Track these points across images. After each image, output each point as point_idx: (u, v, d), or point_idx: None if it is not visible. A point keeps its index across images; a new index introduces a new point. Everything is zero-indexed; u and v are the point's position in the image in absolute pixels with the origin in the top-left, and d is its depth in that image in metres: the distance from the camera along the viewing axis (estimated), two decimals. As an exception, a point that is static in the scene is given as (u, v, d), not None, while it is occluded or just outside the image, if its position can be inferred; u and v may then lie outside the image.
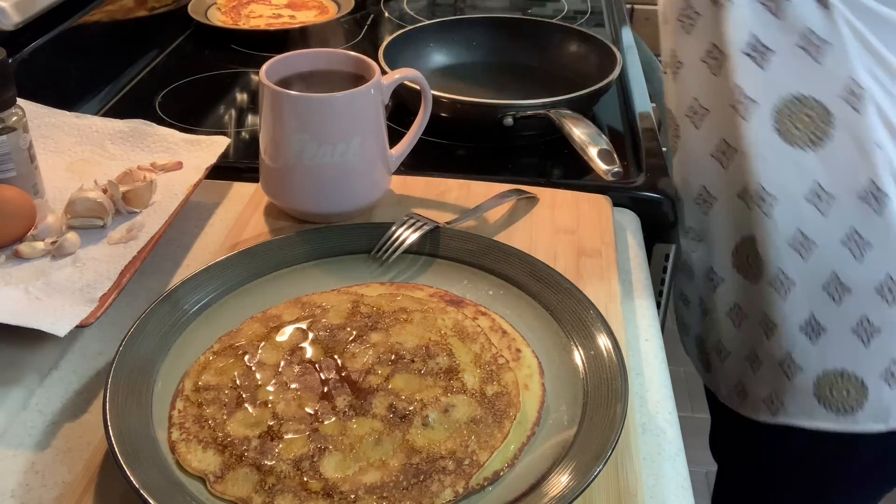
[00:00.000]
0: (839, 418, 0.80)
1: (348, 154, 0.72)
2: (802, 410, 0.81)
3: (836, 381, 0.79)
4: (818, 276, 0.76)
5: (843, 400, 0.79)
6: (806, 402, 0.81)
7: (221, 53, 1.19)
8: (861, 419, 0.79)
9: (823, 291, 0.76)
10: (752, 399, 0.86)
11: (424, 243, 0.71)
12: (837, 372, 0.78)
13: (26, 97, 0.79)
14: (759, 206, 0.76)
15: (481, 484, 0.51)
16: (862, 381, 0.78)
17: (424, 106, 0.77)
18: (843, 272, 0.75)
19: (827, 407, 0.80)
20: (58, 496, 0.52)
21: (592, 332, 0.60)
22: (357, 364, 0.58)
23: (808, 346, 0.79)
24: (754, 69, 0.72)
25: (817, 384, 0.80)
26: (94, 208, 0.71)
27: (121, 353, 0.57)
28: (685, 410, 1.88)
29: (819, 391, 0.80)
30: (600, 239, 0.75)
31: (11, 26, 0.91)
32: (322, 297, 0.65)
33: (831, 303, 0.76)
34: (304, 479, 0.50)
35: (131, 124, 0.85)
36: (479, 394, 0.56)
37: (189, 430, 0.54)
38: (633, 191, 0.85)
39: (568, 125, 0.86)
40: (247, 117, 1.02)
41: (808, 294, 0.77)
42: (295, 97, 0.70)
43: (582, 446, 0.52)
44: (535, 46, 1.10)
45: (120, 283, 0.65)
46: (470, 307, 0.64)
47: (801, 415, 0.82)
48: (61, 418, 0.58)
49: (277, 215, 0.77)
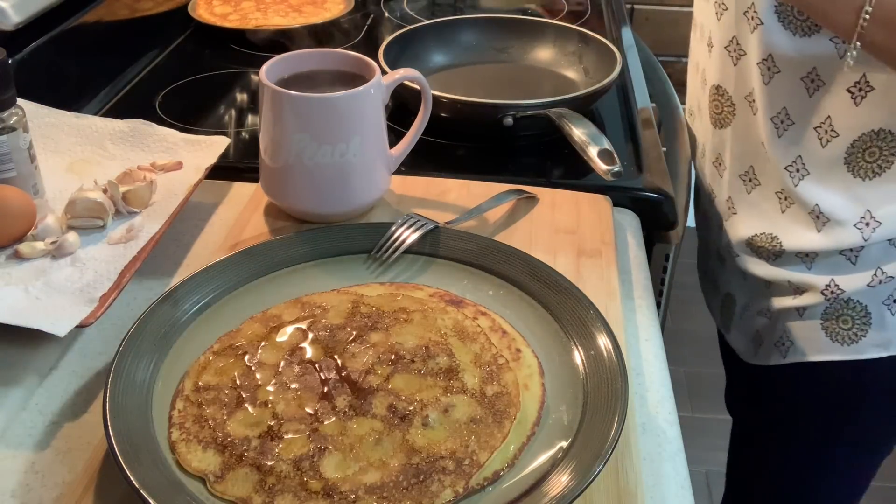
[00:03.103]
0: (844, 349, 0.83)
1: (348, 154, 0.72)
2: (811, 346, 0.85)
3: (841, 310, 0.82)
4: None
5: (848, 329, 0.82)
6: (813, 337, 0.84)
7: (221, 53, 1.19)
8: (865, 347, 0.82)
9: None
10: (765, 346, 0.90)
11: (424, 243, 0.71)
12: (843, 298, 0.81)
13: (26, 97, 0.78)
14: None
15: (481, 484, 0.51)
16: (865, 308, 0.80)
17: (424, 106, 0.77)
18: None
19: (833, 339, 0.83)
20: (58, 496, 0.52)
21: (592, 332, 0.60)
22: (357, 364, 0.58)
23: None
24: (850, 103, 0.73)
25: (824, 316, 0.83)
26: (94, 208, 0.71)
27: (121, 353, 0.57)
28: (685, 410, 1.89)
29: (826, 324, 0.83)
30: (600, 239, 0.75)
31: (11, 26, 0.91)
32: (322, 297, 0.65)
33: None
34: (304, 479, 0.50)
35: (131, 124, 0.85)
36: (479, 394, 0.56)
37: (189, 430, 0.54)
38: (633, 191, 0.85)
39: (568, 125, 0.86)
40: (247, 117, 1.02)
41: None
42: (295, 97, 0.70)
43: (582, 446, 0.52)
44: (535, 46, 1.10)
45: (120, 283, 0.65)
46: (470, 307, 0.64)
47: (810, 350, 0.85)
48: (61, 418, 0.58)
49: (277, 215, 0.77)
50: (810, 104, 0.75)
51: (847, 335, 0.82)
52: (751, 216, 0.86)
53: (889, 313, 0.80)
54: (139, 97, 1.05)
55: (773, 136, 0.79)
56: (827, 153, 0.76)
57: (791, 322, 0.86)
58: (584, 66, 1.06)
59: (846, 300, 0.81)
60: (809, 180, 0.78)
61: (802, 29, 0.73)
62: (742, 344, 0.94)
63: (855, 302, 0.81)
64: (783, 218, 0.83)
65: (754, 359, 0.92)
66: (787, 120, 0.78)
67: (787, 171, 0.80)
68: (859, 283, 0.80)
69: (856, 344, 0.82)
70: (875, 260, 0.79)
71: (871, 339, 0.82)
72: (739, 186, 0.87)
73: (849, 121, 0.74)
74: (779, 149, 0.79)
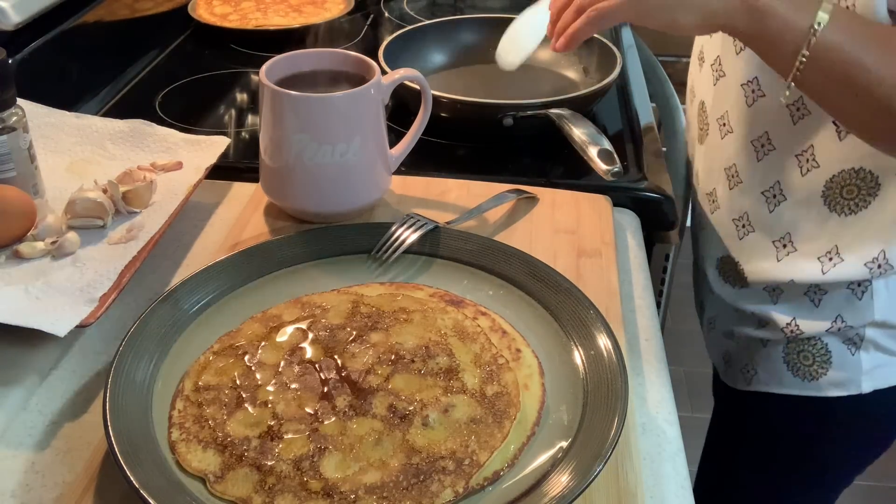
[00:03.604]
0: (805, 384, 0.83)
1: (348, 154, 0.72)
2: (773, 378, 0.85)
3: (802, 346, 0.82)
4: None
5: (808, 366, 0.82)
6: (776, 369, 0.84)
7: (221, 53, 1.19)
8: (824, 385, 0.82)
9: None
10: (732, 369, 0.91)
11: (424, 243, 0.71)
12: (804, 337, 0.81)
13: (26, 97, 0.79)
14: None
15: (481, 484, 0.51)
16: (826, 346, 0.81)
17: (424, 106, 0.77)
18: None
19: (794, 373, 0.83)
20: (58, 496, 0.52)
21: (592, 332, 0.60)
22: (357, 364, 0.58)
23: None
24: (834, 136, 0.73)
25: (786, 350, 0.83)
26: (94, 208, 0.71)
27: (121, 353, 0.57)
28: (685, 410, 1.88)
29: (788, 357, 0.83)
30: (600, 239, 0.75)
31: (11, 26, 0.91)
32: (322, 297, 0.65)
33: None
34: (304, 479, 0.50)
35: (131, 124, 0.85)
36: (479, 394, 0.56)
37: (189, 430, 0.54)
38: (633, 191, 0.85)
39: (568, 125, 0.86)
40: (247, 117, 1.02)
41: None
42: (295, 97, 0.70)
43: (582, 446, 0.52)
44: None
45: (120, 283, 0.65)
46: (470, 307, 0.64)
47: (772, 382, 0.85)
48: (61, 418, 0.58)
49: (277, 215, 0.77)
50: (794, 131, 0.75)
51: (808, 371, 0.82)
52: (714, 237, 0.86)
53: (849, 353, 0.80)
54: (139, 97, 1.05)
55: (751, 159, 0.79)
56: (806, 182, 0.75)
57: (755, 351, 0.86)
58: (584, 65, 1.06)
59: (807, 338, 0.81)
60: (786, 206, 0.78)
61: None
62: (715, 359, 0.95)
63: (816, 339, 0.81)
64: (740, 245, 0.83)
65: (724, 377, 0.93)
66: (769, 144, 0.77)
67: (763, 196, 0.79)
68: (819, 328, 0.80)
69: (816, 381, 0.82)
70: (837, 307, 0.79)
71: (831, 377, 0.81)
72: (706, 205, 0.87)
73: (831, 154, 0.73)
74: (756, 173, 0.79)
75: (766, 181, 0.78)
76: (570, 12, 0.71)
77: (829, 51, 0.62)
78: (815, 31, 0.62)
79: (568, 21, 0.72)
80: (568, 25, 0.72)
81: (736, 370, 0.90)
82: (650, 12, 0.66)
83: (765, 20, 0.64)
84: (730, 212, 0.83)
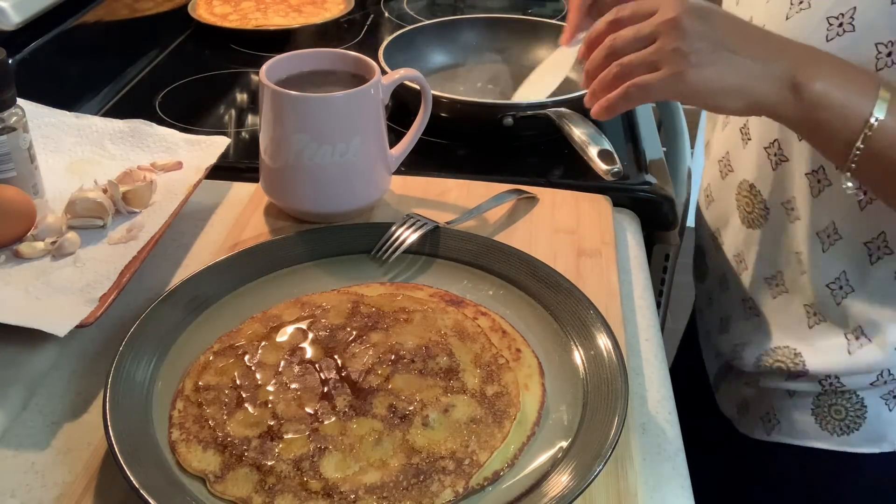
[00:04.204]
0: (834, 439, 0.78)
1: (348, 154, 0.72)
2: (799, 430, 0.80)
3: (836, 400, 0.77)
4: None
5: (841, 420, 0.77)
6: (803, 421, 0.79)
7: (221, 53, 1.19)
8: (856, 441, 0.77)
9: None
10: (750, 417, 0.85)
11: (424, 243, 0.71)
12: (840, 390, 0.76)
13: (26, 97, 0.78)
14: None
15: (481, 484, 0.51)
16: (862, 401, 0.76)
17: (424, 106, 0.77)
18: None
19: (823, 427, 0.78)
20: (58, 496, 0.52)
21: (592, 332, 0.60)
22: (357, 364, 0.58)
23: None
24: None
25: (816, 403, 0.78)
26: (94, 208, 0.71)
27: (121, 353, 0.57)
28: (685, 410, 1.88)
29: (817, 410, 0.78)
30: (600, 239, 0.75)
31: (11, 26, 0.91)
32: (322, 297, 0.65)
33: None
34: (304, 479, 0.50)
35: (131, 124, 0.85)
36: (479, 394, 0.56)
37: (189, 430, 0.54)
38: (633, 191, 0.85)
39: (568, 125, 0.86)
40: (247, 117, 1.02)
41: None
42: (295, 97, 0.70)
43: (582, 446, 0.52)
44: (535, 46, 1.10)
45: (120, 283, 0.65)
46: (470, 307, 0.64)
47: (797, 434, 0.80)
48: (61, 418, 0.58)
49: (277, 215, 0.77)
50: (861, 218, 0.69)
51: (839, 425, 0.77)
52: (772, 324, 0.80)
53: (886, 409, 0.75)
54: (139, 97, 1.05)
55: (815, 250, 0.73)
56: (876, 270, 0.70)
57: (780, 401, 0.80)
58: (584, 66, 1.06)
59: (843, 391, 0.76)
60: (854, 297, 0.72)
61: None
62: (728, 408, 0.89)
63: (851, 393, 0.76)
64: (811, 333, 0.76)
65: (738, 426, 0.87)
66: (835, 234, 0.71)
67: (828, 289, 0.73)
68: (862, 382, 0.75)
69: (847, 436, 0.77)
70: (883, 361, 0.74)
71: (864, 433, 0.76)
72: (765, 290, 0.81)
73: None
74: (821, 264, 0.73)
75: (830, 273, 0.73)
76: (608, 78, 0.63)
77: (886, 146, 0.58)
78: (872, 125, 0.58)
79: (605, 86, 0.64)
80: (604, 91, 0.64)
81: (754, 419, 0.84)
82: (693, 95, 0.61)
83: (816, 112, 0.59)
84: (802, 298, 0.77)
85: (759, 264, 0.80)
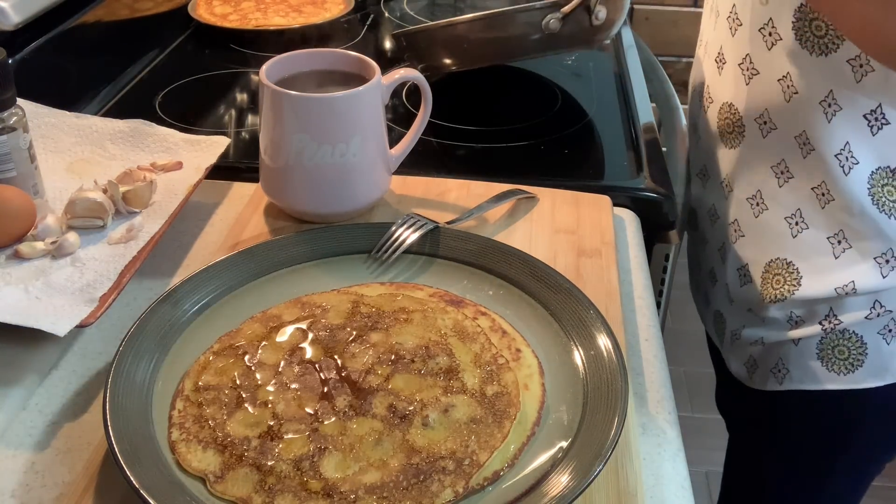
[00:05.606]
0: (841, 378, 0.83)
1: (348, 154, 0.72)
2: (807, 375, 0.84)
3: (837, 341, 0.81)
4: None
5: (844, 359, 0.82)
6: (810, 366, 0.84)
7: (221, 53, 1.19)
8: (861, 377, 0.82)
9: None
10: (760, 372, 0.89)
11: (424, 243, 0.71)
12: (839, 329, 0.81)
13: (26, 97, 0.79)
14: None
15: (481, 484, 0.51)
16: (861, 339, 0.80)
17: (424, 106, 0.77)
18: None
19: (829, 368, 0.83)
20: (58, 496, 0.52)
21: (592, 332, 0.60)
22: (357, 364, 0.58)
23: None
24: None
25: (819, 347, 0.83)
26: (94, 208, 0.71)
27: (121, 353, 0.57)
28: (685, 410, 1.89)
29: (822, 354, 0.83)
30: (600, 239, 0.75)
31: (11, 26, 0.91)
32: (322, 297, 0.65)
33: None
34: (304, 479, 0.50)
35: (131, 124, 0.85)
36: (479, 394, 0.56)
37: (189, 430, 0.54)
38: (633, 191, 0.85)
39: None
40: (247, 117, 1.02)
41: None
42: (295, 97, 0.70)
43: (582, 446, 0.52)
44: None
45: (120, 283, 0.65)
46: (470, 307, 0.64)
47: (807, 379, 0.85)
48: (61, 418, 0.58)
49: (277, 215, 0.78)
50: (829, 129, 0.73)
51: (843, 365, 0.82)
52: (762, 239, 0.84)
53: (884, 343, 0.80)
54: (139, 97, 1.05)
55: (797, 156, 0.77)
56: (850, 182, 0.74)
57: (786, 351, 0.85)
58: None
59: (842, 331, 0.81)
60: (834, 206, 0.76)
61: (819, 47, 0.71)
62: (736, 367, 0.93)
63: (851, 332, 0.81)
64: (794, 243, 0.80)
65: (750, 383, 0.91)
66: (808, 145, 0.75)
67: (813, 192, 0.77)
68: (857, 316, 0.79)
69: (852, 374, 0.82)
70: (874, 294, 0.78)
71: (868, 368, 0.81)
72: (747, 210, 0.85)
73: (867, 151, 0.72)
74: (804, 171, 0.77)
75: (813, 179, 0.77)
76: None
77: None
78: None
79: None
80: None
81: (765, 372, 0.88)
82: None
83: None
84: (782, 210, 0.81)
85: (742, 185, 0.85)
